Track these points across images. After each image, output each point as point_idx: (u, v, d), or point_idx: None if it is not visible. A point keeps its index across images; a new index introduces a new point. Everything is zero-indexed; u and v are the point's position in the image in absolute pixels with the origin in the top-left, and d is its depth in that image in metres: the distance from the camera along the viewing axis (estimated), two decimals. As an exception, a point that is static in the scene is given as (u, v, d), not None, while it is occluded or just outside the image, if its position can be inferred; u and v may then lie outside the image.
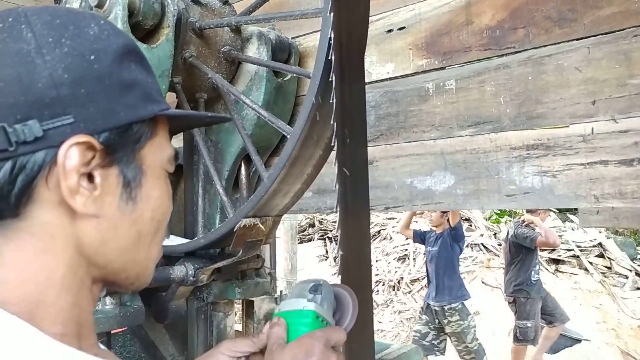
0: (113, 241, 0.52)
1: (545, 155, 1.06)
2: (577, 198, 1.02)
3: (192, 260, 1.23)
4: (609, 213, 0.99)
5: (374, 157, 1.29)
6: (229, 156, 1.35)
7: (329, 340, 0.69)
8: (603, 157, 0.99)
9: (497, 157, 1.12)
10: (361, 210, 1.00)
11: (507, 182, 1.10)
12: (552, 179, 1.05)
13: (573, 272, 8.15)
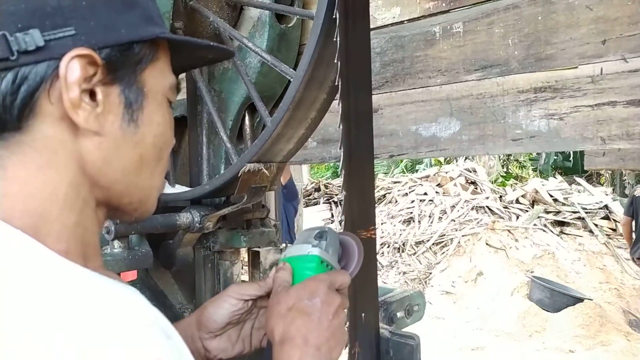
0: (115, 161, 0.52)
1: (552, 97, 1.04)
2: (584, 140, 1.01)
3: (197, 207, 1.24)
4: (615, 154, 0.99)
5: (379, 105, 1.28)
6: (233, 106, 1.34)
7: (333, 282, 0.70)
8: (611, 98, 0.97)
9: (503, 101, 1.10)
10: (365, 158, 1.00)
11: (513, 127, 1.09)
12: (559, 122, 1.04)
13: (578, 234, 8.19)
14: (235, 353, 0.76)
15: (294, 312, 0.66)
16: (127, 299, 0.43)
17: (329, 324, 0.66)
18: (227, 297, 0.75)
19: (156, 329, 0.42)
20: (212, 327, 0.73)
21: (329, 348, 0.65)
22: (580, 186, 9.54)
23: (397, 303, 1.14)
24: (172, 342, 0.44)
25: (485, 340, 5.54)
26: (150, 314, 0.43)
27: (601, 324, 5.39)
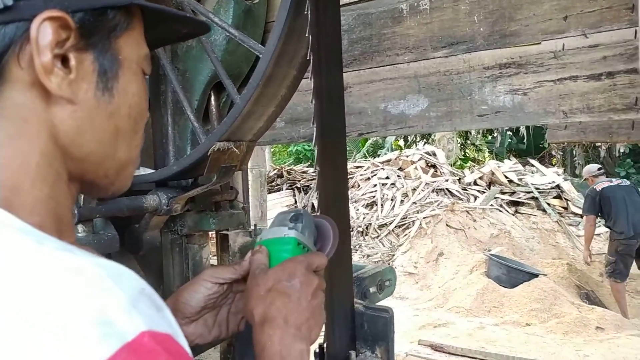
0: (89, 132, 0.50)
1: (517, 73, 1.07)
2: (547, 114, 1.04)
3: (164, 190, 1.21)
4: (576, 127, 1.02)
5: (347, 83, 1.28)
6: (198, 85, 1.30)
7: (310, 264, 0.70)
8: (573, 72, 1.01)
9: (470, 78, 1.12)
10: (338, 135, 0.99)
11: (480, 102, 1.12)
12: (523, 97, 1.06)
13: (532, 213, 8.54)
14: (212, 338, 0.76)
15: (273, 293, 0.66)
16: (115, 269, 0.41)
17: (308, 304, 0.66)
18: (203, 281, 0.74)
19: (145, 300, 0.41)
20: (188, 312, 0.72)
21: (308, 328, 0.65)
22: (533, 167, 9.92)
23: (370, 279, 1.16)
24: (162, 313, 0.42)
25: (447, 317, 5.72)
26: (138, 284, 0.42)
27: (555, 297, 5.66)
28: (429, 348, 4.73)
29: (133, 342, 0.37)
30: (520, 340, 4.93)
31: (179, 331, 0.43)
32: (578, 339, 4.99)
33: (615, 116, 0.97)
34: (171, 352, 0.40)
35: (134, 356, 0.36)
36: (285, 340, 0.62)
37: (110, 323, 0.37)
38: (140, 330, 0.38)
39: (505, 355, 4.37)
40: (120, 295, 0.39)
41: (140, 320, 0.38)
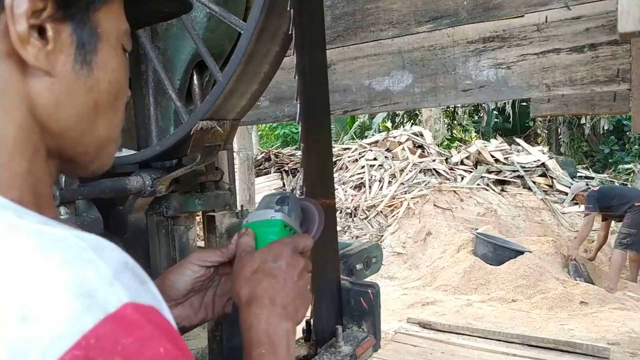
0: (68, 106, 0.49)
1: (500, 47, 1.07)
2: (530, 88, 1.04)
3: (148, 171, 1.19)
4: (559, 100, 1.02)
5: (332, 60, 1.27)
6: (180, 64, 1.28)
7: (297, 245, 0.71)
8: (556, 45, 1.00)
9: (454, 52, 1.11)
10: (322, 115, 0.99)
11: (464, 77, 1.11)
12: (507, 71, 1.06)
13: (518, 192, 8.64)
14: (198, 320, 0.76)
15: (259, 274, 0.66)
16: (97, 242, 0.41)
17: (294, 285, 0.67)
18: (189, 263, 0.74)
19: (128, 272, 0.40)
20: (174, 294, 0.72)
21: (295, 308, 0.66)
22: (519, 146, 10.00)
23: (356, 256, 1.16)
24: (147, 286, 0.42)
25: (435, 295, 5.81)
26: (121, 257, 0.41)
27: (540, 273, 5.77)
28: (418, 325, 4.81)
29: (116, 313, 0.37)
30: (507, 316, 5.03)
31: (164, 304, 0.43)
32: (563, 313, 5.11)
33: (597, 88, 0.97)
34: (156, 324, 0.39)
35: (116, 327, 0.36)
36: (272, 319, 0.63)
37: (92, 295, 0.36)
38: (123, 301, 0.37)
39: (492, 330, 4.46)
40: (103, 267, 0.38)
41: (123, 292, 0.38)
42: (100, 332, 0.35)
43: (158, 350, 0.37)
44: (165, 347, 0.38)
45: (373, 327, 1.00)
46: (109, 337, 0.35)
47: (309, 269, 0.72)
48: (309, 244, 0.74)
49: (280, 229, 0.74)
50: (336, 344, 0.92)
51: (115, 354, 0.35)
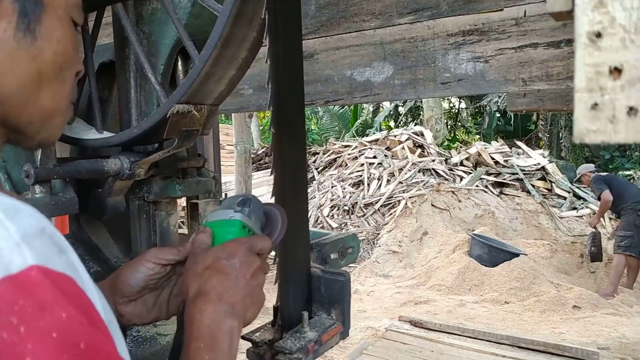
0: (10, 73, 0.50)
1: (479, 40, 1.06)
2: (507, 82, 1.04)
3: (127, 153, 1.20)
4: (534, 95, 1.02)
5: (315, 49, 1.27)
6: (163, 49, 1.28)
7: (253, 245, 0.70)
8: (533, 39, 1.00)
9: (434, 45, 1.11)
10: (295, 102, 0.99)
11: (443, 70, 1.11)
12: (485, 65, 1.06)
13: (516, 194, 8.62)
14: (151, 319, 0.75)
15: (210, 270, 0.65)
16: (13, 205, 0.41)
17: (246, 283, 0.66)
18: (145, 260, 0.73)
19: (44, 238, 0.40)
20: (127, 291, 0.71)
21: (243, 307, 0.65)
22: (520, 149, 9.98)
23: (331, 245, 1.17)
24: (65, 256, 0.41)
25: (428, 294, 5.81)
26: (38, 223, 0.41)
27: (534, 276, 5.77)
28: (409, 324, 4.81)
29: (19, 274, 0.36)
30: (499, 318, 5.03)
31: (85, 277, 0.42)
32: (555, 317, 5.11)
33: (572, 84, 0.97)
34: (63, 291, 0.38)
35: (16, 288, 0.35)
36: (216, 316, 0.61)
37: None
38: (28, 264, 0.37)
39: (482, 331, 4.46)
40: (11, 229, 0.38)
41: (31, 255, 0.37)
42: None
43: (60, 314, 0.36)
44: (69, 313, 0.37)
45: (342, 315, 1.01)
46: (5, 297, 0.35)
47: (265, 270, 0.71)
48: (266, 245, 0.72)
49: (239, 229, 0.74)
50: (302, 330, 0.93)
51: (11, 313, 0.34)
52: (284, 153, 0.92)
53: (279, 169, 0.90)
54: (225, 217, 0.75)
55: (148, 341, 1.33)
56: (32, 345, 0.34)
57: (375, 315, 5.16)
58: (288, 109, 0.94)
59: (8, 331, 0.34)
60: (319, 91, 1.27)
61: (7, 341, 0.34)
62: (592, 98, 0.36)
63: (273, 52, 0.88)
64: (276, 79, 0.90)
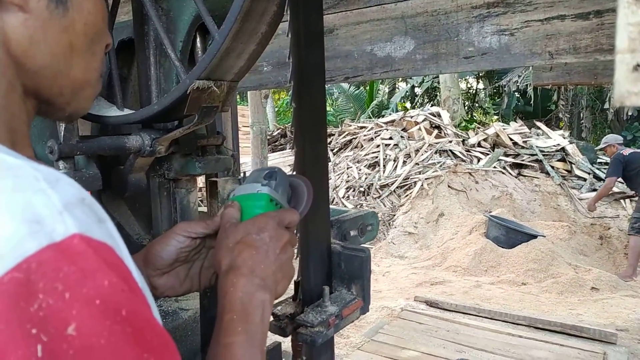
0: (42, 43, 0.50)
1: (504, 12, 1.04)
2: (532, 56, 1.02)
3: (148, 130, 1.20)
4: (561, 69, 1.00)
5: (334, 25, 1.25)
6: (182, 25, 1.27)
7: (282, 219, 0.71)
8: (561, 11, 0.97)
9: (457, 18, 1.09)
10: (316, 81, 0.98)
11: (466, 44, 1.09)
12: (510, 38, 1.03)
13: (535, 176, 8.51)
14: (183, 290, 0.77)
15: (241, 244, 0.66)
16: (54, 175, 0.41)
17: (276, 257, 0.67)
18: (175, 234, 0.74)
19: (84, 208, 0.40)
20: (159, 264, 0.73)
21: (274, 281, 0.66)
22: (539, 130, 9.82)
23: (350, 222, 1.17)
24: (104, 225, 0.42)
25: (444, 275, 5.82)
26: (78, 193, 0.42)
27: (552, 258, 5.72)
28: (425, 304, 4.83)
29: (62, 242, 0.37)
30: (515, 299, 5.02)
31: (123, 247, 0.42)
32: (573, 298, 5.08)
33: (601, 57, 0.95)
34: (107, 261, 0.39)
35: (60, 256, 0.36)
36: (248, 288, 0.62)
37: (39, 222, 0.36)
38: (71, 232, 0.37)
39: (498, 311, 4.46)
40: (54, 197, 0.38)
41: (73, 223, 0.38)
42: (42, 258, 0.35)
43: (102, 281, 0.37)
44: (111, 280, 0.38)
45: (362, 291, 1.01)
46: (51, 263, 0.35)
47: (293, 244, 0.72)
48: (295, 218, 0.73)
49: (266, 202, 0.74)
50: (323, 304, 0.93)
51: (56, 279, 0.35)
52: (305, 128, 0.92)
53: (300, 144, 0.89)
54: (252, 191, 0.76)
55: (170, 315, 1.36)
56: (76, 312, 0.35)
57: (391, 295, 5.19)
58: (309, 84, 0.93)
59: (54, 297, 0.35)
60: (339, 67, 1.26)
61: (53, 307, 0.34)
62: (634, 59, 0.35)
63: (294, 26, 0.87)
64: (297, 53, 0.89)
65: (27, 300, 0.34)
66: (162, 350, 0.40)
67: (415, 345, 3.84)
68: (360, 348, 3.80)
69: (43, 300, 0.34)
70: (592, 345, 3.85)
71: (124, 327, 0.37)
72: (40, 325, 0.34)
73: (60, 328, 0.34)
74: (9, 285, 0.34)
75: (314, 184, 0.98)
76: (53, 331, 0.34)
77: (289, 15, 0.88)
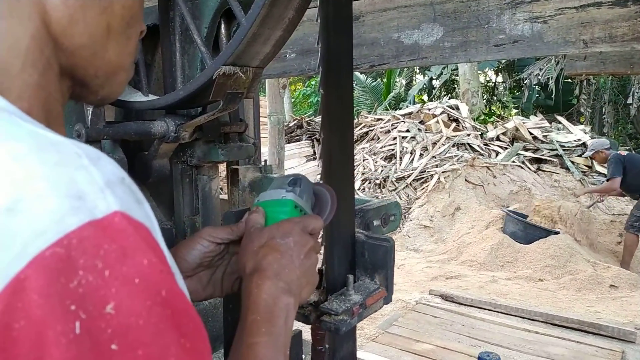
0: (81, 23, 0.50)
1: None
2: (566, 44, 0.99)
3: (172, 116, 1.21)
4: (596, 58, 0.97)
5: (360, 11, 1.23)
6: (207, 10, 1.27)
7: (306, 225, 0.71)
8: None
9: (488, 4, 1.06)
10: (344, 68, 0.97)
11: (497, 31, 1.06)
12: (543, 25, 1.01)
13: (554, 171, 8.38)
14: (205, 296, 0.77)
15: (266, 248, 0.67)
16: (95, 153, 0.41)
17: (301, 262, 0.67)
18: (200, 239, 0.75)
19: (124, 187, 0.40)
20: (184, 267, 0.73)
21: (299, 286, 0.66)
22: (560, 124, 9.65)
23: (374, 211, 1.15)
24: (143, 206, 0.41)
25: (460, 270, 5.78)
26: (119, 172, 0.41)
27: (570, 254, 5.64)
28: (440, 297, 4.81)
29: (103, 219, 0.36)
30: (532, 295, 4.97)
31: (158, 230, 0.42)
32: (591, 295, 5.01)
33: (638, 45, 0.92)
34: (146, 241, 0.39)
35: (101, 232, 0.36)
36: (273, 291, 0.62)
37: (80, 197, 0.36)
38: (112, 209, 0.37)
39: (515, 307, 4.42)
40: (96, 174, 0.38)
41: (114, 200, 0.38)
42: (83, 234, 0.35)
43: (141, 260, 0.37)
44: (150, 260, 0.37)
45: (386, 280, 1.00)
46: (92, 240, 0.35)
47: (317, 250, 0.72)
48: (319, 225, 0.73)
49: (291, 208, 0.74)
50: (347, 292, 0.93)
51: (97, 257, 0.35)
52: (333, 115, 0.91)
53: (327, 131, 0.88)
54: (277, 197, 0.76)
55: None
56: (115, 290, 0.35)
57: (406, 288, 5.17)
58: (337, 71, 0.92)
59: (94, 274, 0.34)
60: (364, 55, 1.24)
61: (93, 284, 0.34)
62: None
63: (323, 11, 0.86)
64: (326, 40, 0.88)
65: (67, 276, 0.34)
66: (197, 337, 0.40)
67: (429, 338, 3.82)
68: (374, 340, 3.80)
69: (83, 277, 0.34)
70: (610, 343, 3.80)
71: (164, 309, 0.37)
72: (79, 302, 0.34)
73: (98, 306, 0.34)
74: (51, 260, 0.34)
75: (340, 171, 0.97)
76: (91, 309, 0.34)
77: (319, 0, 0.87)
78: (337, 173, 0.95)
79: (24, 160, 0.37)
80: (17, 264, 0.33)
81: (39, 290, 0.33)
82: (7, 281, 0.33)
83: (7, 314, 0.33)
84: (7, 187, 0.35)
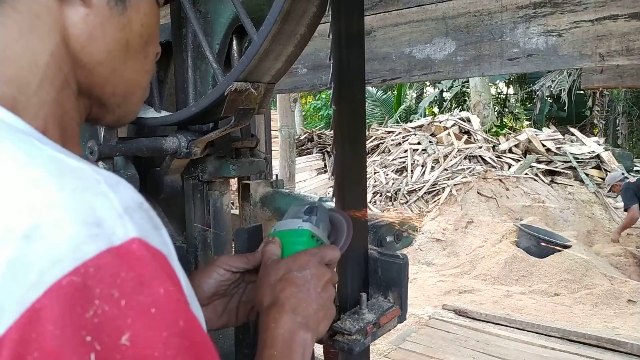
0: (100, 40, 0.50)
1: (552, 13, 1.00)
2: (582, 57, 0.97)
3: (184, 132, 1.21)
4: (613, 72, 0.96)
5: (372, 26, 1.23)
6: (219, 27, 1.28)
7: (323, 257, 0.70)
8: (613, 11, 0.93)
9: (501, 18, 1.06)
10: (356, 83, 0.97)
11: (511, 45, 1.05)
12: (558, 39, 1.00)
13: (568, 183, 8.28)
14: (220, 325, 0.77)
15: (283, 282, 0.66)
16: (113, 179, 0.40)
17: (318, 296, 0.66)
18: (216, 267, 0.75)
19: (142, 213, 0.39)
20: (199, 296, 0.72)
21: (317, 320, 0.65)
22: (573, 136, 9.56)
23: (387, 227, 1.14)
24: (160, 232, 0.40)
25: (473, 284, 5.70)
26: (137, 197, 0.41)
27: (587, 268, 5.54)
28: (453, 312, 4.74)
29: (121, 246, 0.36)
30: (547, 310, 4.87)
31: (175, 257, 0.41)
32: (608, 310, 4.90)
33: (657, 58, 0.90)
34: (164, 268, 0.38)
35: (119, 260, 0.35)
36: (290, 326, 0.62)
37: (98, 225, 0.36)
38: (130, 236, 0.36)
39: (530, 322, 4.33)
40: (114, 201, 0.37)
41: (132, 227, 0.37)
42: (101, 262, 0.34)
43: (158, 290, 0.36)
44: (167, 289, 0.37)
45: (399, 299, 0.98)
46: (109, 269, 0.34)
47: (334, 281, 0.71)
48: (336, 256, 0.72)
49: (308, 239, 0.73)
50: (360, 311, 0.91)
51: (113, 286, 0.34)
52: (345, 130, 0.90)
53: (340, 146, 0.88)
54: (294, 227, 0.75)
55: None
56: (131, 320, 0.34)
57: (418, 302, 5.11)
58: (349, 86, 0.91)
59: (110, 304, 0.34)
60: (376, 69, 1.24)
61: (108, 314, 0.33)
62: None
63: (335, 27, 0.86)
64: (338, 55, 0.88)
65: (83, 305, 0.33)
66: None
67: (443, 354, 3.76)
68: (387, 356, 3.75)
69: (99, 307, 0.34)
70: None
71: (182, 340, 0.36)
72: (94, 333, 0.33)
73: (114, 337, 0.33)
74: (68, 289, 0.33)
75: (353, 185, 0.96)
76: (107, 340, 0.33)
77: (331, 15, 0.87)
78: (351, 188, 0.94)
79: (43, 186, 0.36)
80: (33, 292, 0.33)
81: (54, 321, 0.32)
82: (23, 310, 0.33)
83: (22, 345, 0.32)
84: (25, 214, 0.35)
